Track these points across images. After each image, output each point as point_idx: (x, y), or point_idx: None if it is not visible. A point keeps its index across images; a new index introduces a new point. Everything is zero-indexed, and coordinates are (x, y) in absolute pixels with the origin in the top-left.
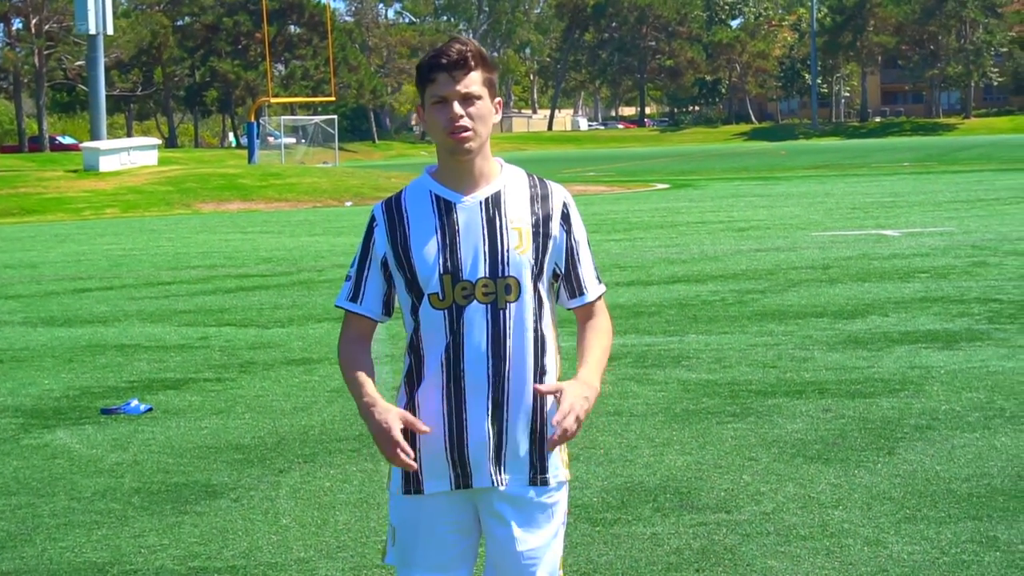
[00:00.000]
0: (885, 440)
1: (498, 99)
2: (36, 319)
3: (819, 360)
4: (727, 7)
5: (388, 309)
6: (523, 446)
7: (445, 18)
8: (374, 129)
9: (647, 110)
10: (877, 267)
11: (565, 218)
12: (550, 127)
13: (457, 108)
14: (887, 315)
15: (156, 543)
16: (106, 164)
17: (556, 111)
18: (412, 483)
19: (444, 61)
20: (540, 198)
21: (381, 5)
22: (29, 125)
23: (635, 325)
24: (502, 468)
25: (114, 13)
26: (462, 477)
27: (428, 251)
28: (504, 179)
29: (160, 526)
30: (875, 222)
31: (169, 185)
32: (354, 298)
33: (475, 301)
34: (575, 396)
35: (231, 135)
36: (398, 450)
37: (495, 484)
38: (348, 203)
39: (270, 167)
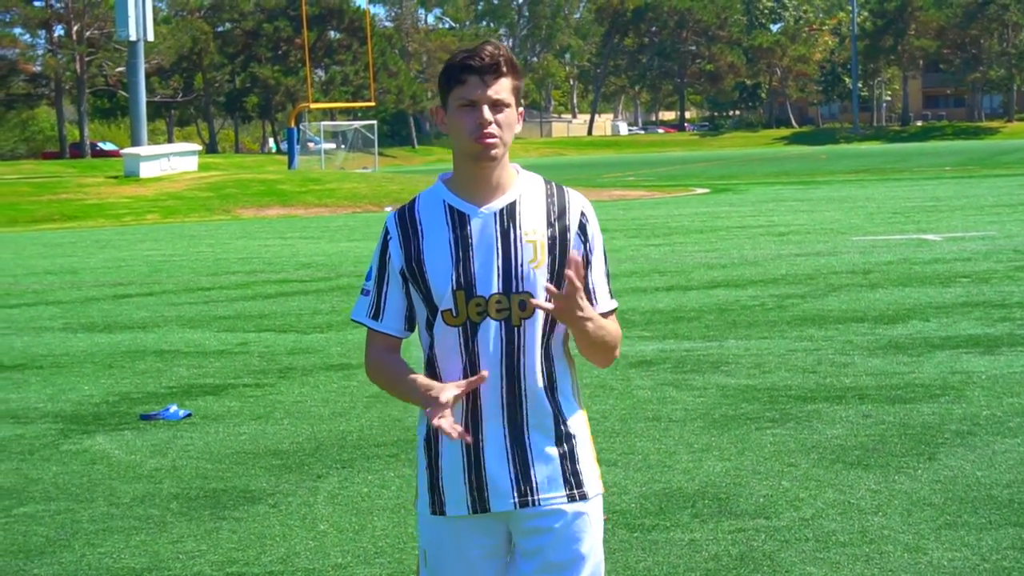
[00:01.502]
0: (925, 446)
1: (521, 108)
2: (76, 325)
3: (859, 365)
4: (767, 11)
5: (411, 324)
6: (554, 464)
7: (485, 23)
8: (414, 134)
9: (687, 114)
10: (918, 272)
11: (582, 229)
12: (590, 132)
13: (487, 113)
14: (928, 320)
15: (194, 549)
16: (147, 170)
17: (596, 116)
18: (436, 503)
19: (476, 63)
20: (557, 208)
21: (421, 10)
22: (71, 131)
23: (674, 330)
24: (533, 488)
25: (155, 19)
26: (479, 502)
27: (441, 265)
28: (520, 188)
29: (198, 532)
30: (916, 226)
31: (209, 191)
32: (375, 315)
33: (488, 318)
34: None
35: (271, 140)
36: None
37: (523, 505)
38: (388, 208)
39: (310, 172)
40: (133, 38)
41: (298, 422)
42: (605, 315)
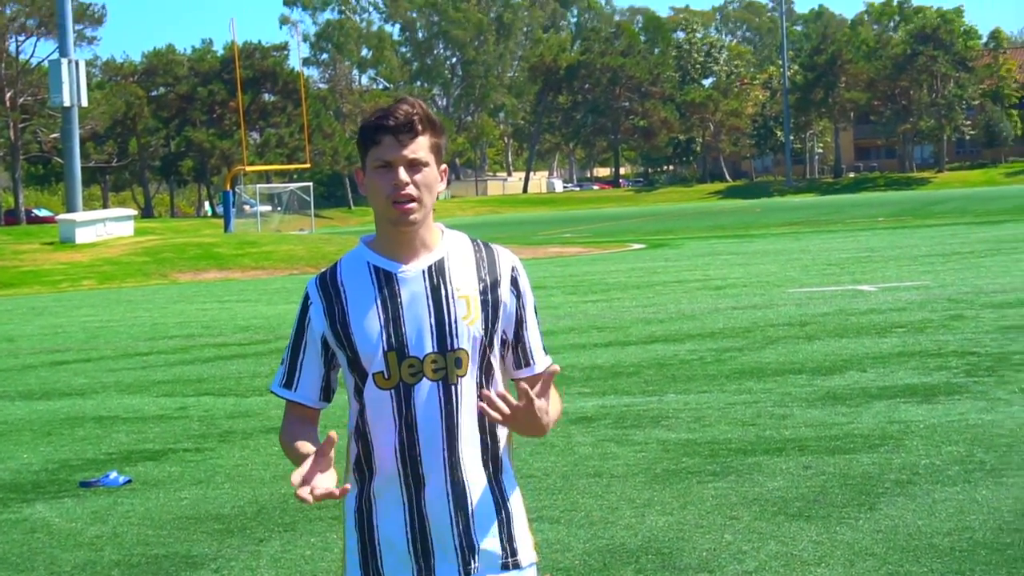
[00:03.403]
0: (866, 496)
1: (444, 167)
2: (14, 392)
3: (798, 417)
4: (698, 66)
5: (327, 394)
6: (491, 529)
7: (419, 83)
8: (350, 195)
9: (622, 171)
10: (854, 322)
11: (515, 283)
12: (525, 189)
13: (403, 175)
14: (865, 370)
15: None
16: (82, 236)
17: (531, 173)
18: (372, 571)
19: (391, 123)
20: (487, 263)
21: (355, 71)
22: (5, 198)
23: (614, 386)
24: (476, 554)
25: (88, 85)
26: (425, 570)
27: (369, 327)
28: (447, 246)
29: None
30: (851, 278)
31: (146, 255)
32: (288, 383)
33: (424, 379)
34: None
35: (207, 204)
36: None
37: (466, 574)
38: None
39: (246, 235)
40: (67, 104)
41: (239, 486)
42: (536, 376)
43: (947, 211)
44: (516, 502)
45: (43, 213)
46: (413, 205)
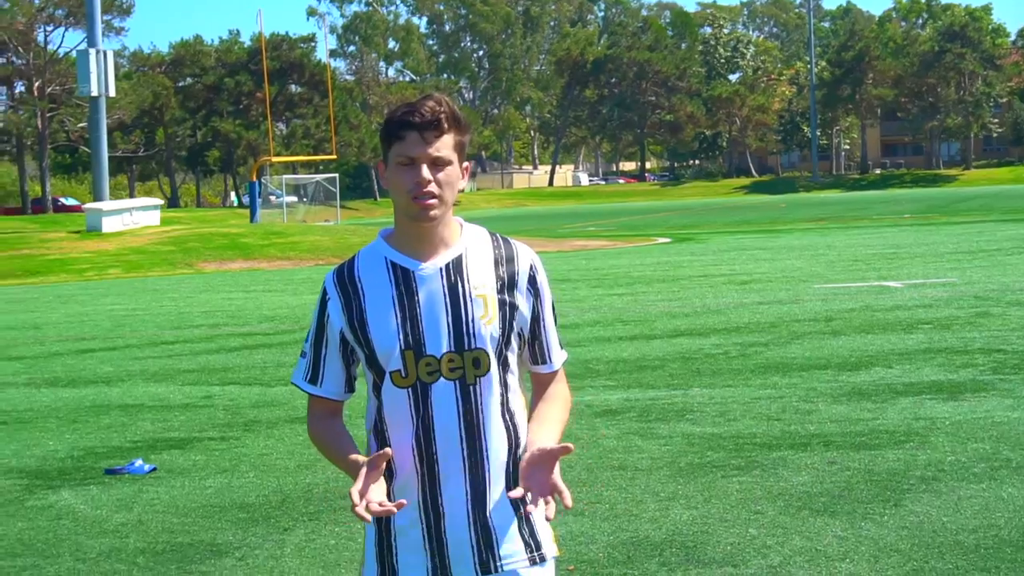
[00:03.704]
0: (891, 492)
1: (467, 164)
2: (40, 380)
3: (823, 412)
4: (725, 61)
5: (351, 385)
6: (512, 528)
7: (446, 76)
8: (375, 187)
9: (647, 165)
10: (880, 319)
11: (532, 282)
12: (551, 183)
13: (426, 172)
14: (891, 367)
15: None
16: (109, 225)
17: (557, 167)
18: (387, 570)
19: (416, 119)
20: (505, 261)
21: (382, 63)
22: (32, 187)
23: (639, 379)
24: (495, 552)
25: (116, 75)
26: (440, 568)
27: (387, 325)
28: (465, 242)
29: None
30: (877, 274)
31: (172, 245)
32: (312, 379)
33: (441, 378)
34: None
35: (233, 194)
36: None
37: (484, 571)
38: None
39: (272, 226)
40: (95, 94)
41: (264, 475)
42: (554, 373)
43: (973, 208)
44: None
45: (70, 202)
46: (434, 202)
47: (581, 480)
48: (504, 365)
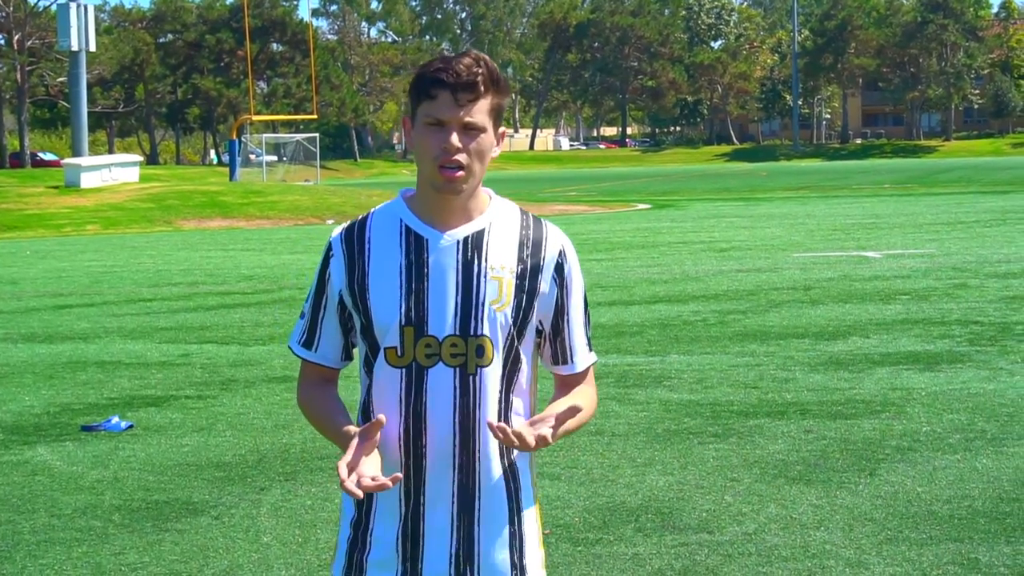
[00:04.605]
0: (867, 461)
1: (502, 129)
2: (17, 335)
3: (800, 381)
4: (708, 28)
5: (348, 353)
6: (499, 541)
7: (428, 37)
8: (356, 147)
9: (628, 130)
10: (858, 288)
11: (559, 270)
12: (532, 147)
13: (455, 139)
14: (868, 336)
15: (136, 561)
16: (87, 181)
17: (538, 131)
18: (355, 569)
19: (450, 79)
20: (532, 243)
21: (364, 24)
22: (10, 141)
23: (616, 345)
24: (472, 567)
25: (96, 30)
26: (411, 573)
27: (389, 294)
28: (491, 215)
29: (141, 544)
30: (856, 244)
31: (150, 202)
32: (308, 343)
33: (440, 363)
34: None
35: (212, 152)
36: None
37: None
38: (330, 221)
39: (251, 185)
40: (75, 48)
41: (241, 434)
42: (582, 374)
43: (953, 180)
44: (531, 516)
45: (48, 157)
46: (461, 174)
47: (558, 444)
48: (513, 360)
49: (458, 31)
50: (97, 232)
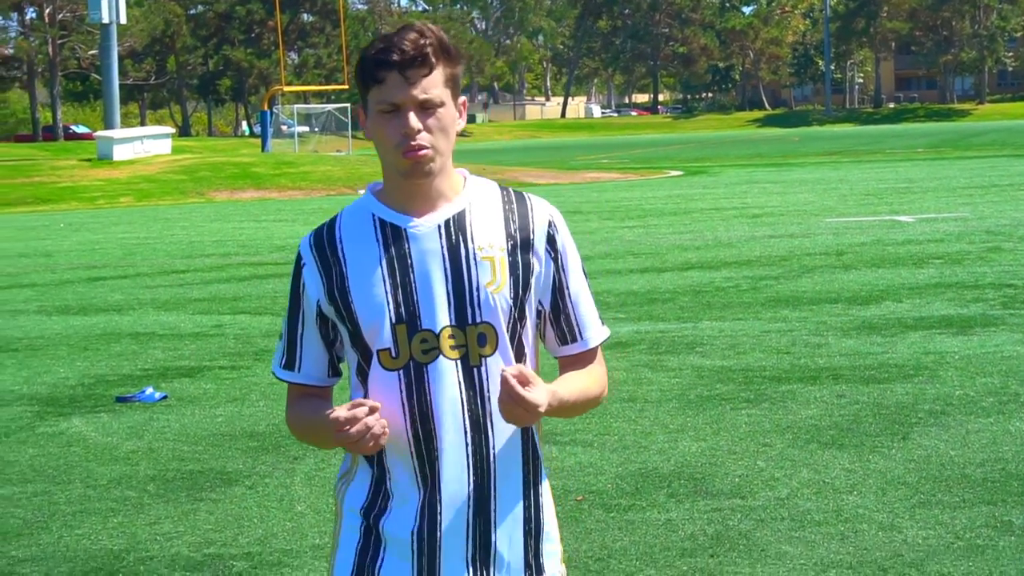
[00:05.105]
0: (899, 425)
1: (463, 99)
2: (51, 307)
3: (833, 346)
4: None
5: (335, 370)
6: (516, 542)
7: (458, 6)
8: None
9: (660, 97)
10: (891, 253)
11: (551, 242)
12: (563, 114)
13: (413, 120)
14: (901, 301)
15: (171, 530)
16: (120, 153)
17: (569, 98)
18: (368, 569)
19: (396, 57)
20: (518, 216)
21: None
22: (43, 114)
23: (649, 312)
24: (489, 567)
25: (127, 2)
26: (428, 570)
27: (373, 294)
28: (469, 195)
29: (175, 513)
30: (889, 208)
31: (183, 174)
32: (289, 364)
33: (440, 356)
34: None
35: (244, 124)
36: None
37: None
38: (361, 191)
39: (283, 156)
40: (105, 21)
41: (274, 404)
42: (592, 350)
43: (987, 143)
44: (548, 507)
45: (81, 130)
46: (427, 152)
47: (591, 412)
48: (517, 345)
49: None
50: (130, 204)
